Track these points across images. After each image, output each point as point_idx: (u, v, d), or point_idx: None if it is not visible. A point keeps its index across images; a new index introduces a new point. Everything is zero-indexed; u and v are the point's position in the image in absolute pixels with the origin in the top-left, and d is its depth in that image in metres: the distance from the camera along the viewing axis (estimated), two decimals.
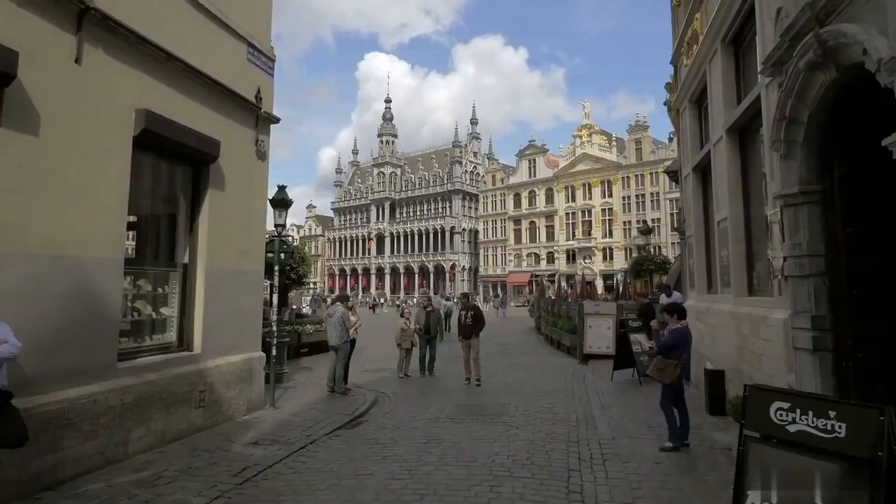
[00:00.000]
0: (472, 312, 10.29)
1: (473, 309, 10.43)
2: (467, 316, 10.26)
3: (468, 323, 10.19)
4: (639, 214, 52.39)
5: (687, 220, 9.13)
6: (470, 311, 10.35)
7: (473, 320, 10.16)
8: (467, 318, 10.22)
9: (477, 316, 10.27)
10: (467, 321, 10.21)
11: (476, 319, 10.18)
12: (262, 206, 8.22)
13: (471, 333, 10.04)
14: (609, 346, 12.29)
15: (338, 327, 9.15)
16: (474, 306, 10.56)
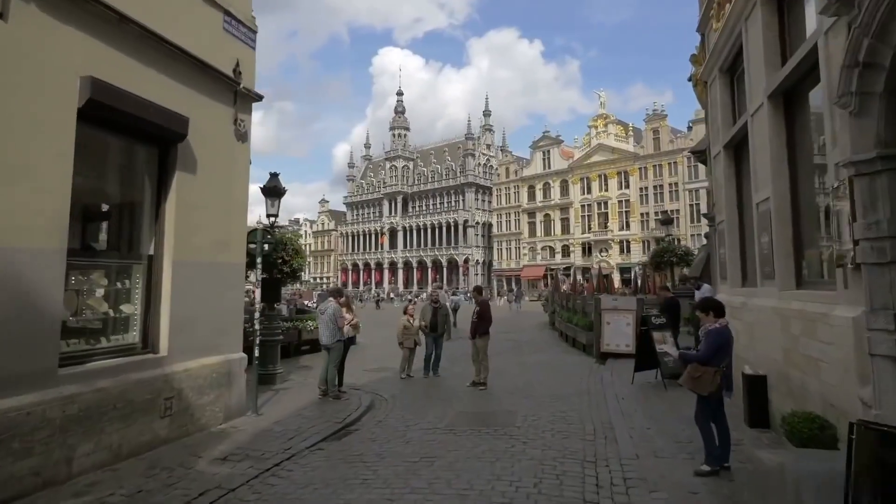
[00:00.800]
0: (478, 309, 9.39)
1: (479, 305, 9.51)
2: (474, 312, 9.43)
3: (473, 320, 9.36)
4: (657, 206, 50.96)
5: (717, 204, 8.16)
6: (475, 308, 9.50)
7: (478, 317, 9.25)
8: (473, 315, 9.41)
9: (482, 313, 9.28)
10: (472, 318, 9.38)
11: (480, 316, 9.22)
12: (243, 192, 7.44)
13: (475, 332, 9.20)
14: (629, 344, 11.36)
15: (329, 325, 8.37)
16: (482, 301, 9.63)
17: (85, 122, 5.07)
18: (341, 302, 8.77)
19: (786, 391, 5.11)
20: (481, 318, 9.20)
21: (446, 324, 10.83)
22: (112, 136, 5.75)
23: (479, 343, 9.10)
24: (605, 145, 54.95)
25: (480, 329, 9.16)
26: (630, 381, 8.60)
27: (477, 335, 9.13)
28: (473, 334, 9.21)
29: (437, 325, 10.35)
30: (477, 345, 9.11)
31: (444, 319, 10.24)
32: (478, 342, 9.11)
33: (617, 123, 56.09)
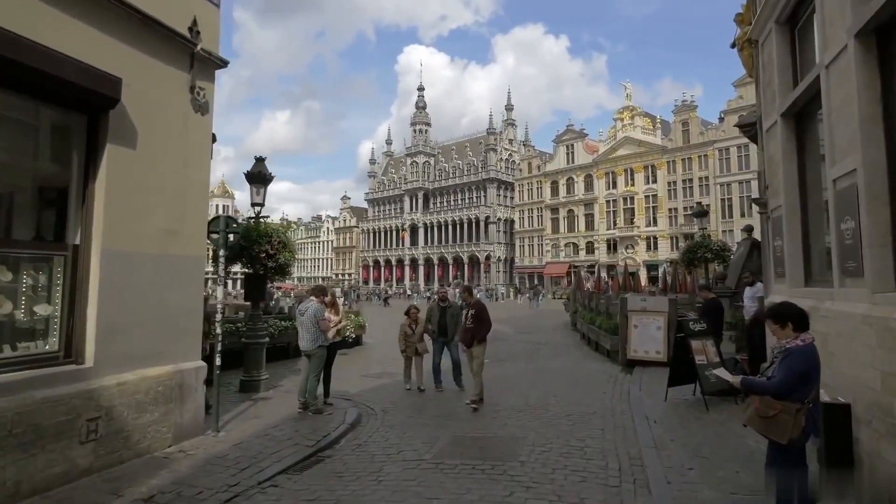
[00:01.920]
0: (473, 311, 7.82)
1: (475, 306, 7.97)
2: (468, 315, 7.89)
3: (468, 325, 7.81)
4: (686, 201, 48.76)
5: (771, 186, 6.75)
6: (471, 310, 7.90)
7: (475, 321, 7.73)
8: (468, 319, 7.88)
9: (479, 316, 7.77)
10: (467, 322, 7.86)
11: (478, 320, 7.72)
12: (203, 172, 6.34)
13: (471, 339, 7.73)
14: (659, 350, 10.00)
15: (310, 328, 7.24)
16: (476, 302, 8.16)
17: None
18: (326, 301, 7.63)
19: (885, 430, 3.76)
20: (480, 322, 7.73)
21: (457, 326, 9.22)
22: (21, 99, 4.69)
23: (476, 352, 7.68)
24: (632, 138, 52.87)
25: (478, 334, 7.72)
26: (663, 397, 7.27)
27: (474, 342, 7.68)
28: (471, 341, 7.70)
29: (446, 328, 8.84)
30: (473, 353, 7.70)
31: (455, 321, 8.80)
32: (475, 351, 7.68)
33: (644, 116, 53.91)
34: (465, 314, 7.88)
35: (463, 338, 7.84)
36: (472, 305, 7.98)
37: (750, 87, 44.53)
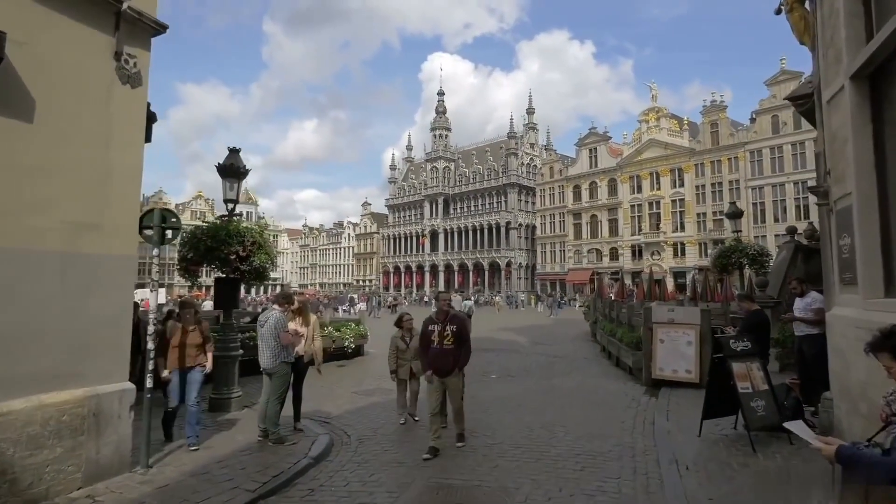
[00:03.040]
0: (454, 327, 5.81)
1: (455, 321, 5.93)
2: (444, 332, 5.77)
3: (446, 346, 5.73)
4: (715, 205, 46.66)
5: (834, 170, 5.39)
6: (448, 325, 5.81)
7: (456, 342, 5.75)
8: (444, 338, 5.75)
9: (460, 334, 5.82)
10: (444, 343, 5.74)
11: (459, 340, 5.78)
12: (132, 155, 5.29)
13: (451, 366, 5.73)
14: (690, 369, 8.62)
15: (270, 342, 6.12)
16: (455, 316, 6.08)
17: None
18: (292, 309, 6.51)
19: None
20: (461, 343, 5.80)
21: None
22: None
23: (454, 383, 5.82)
24: (658, 140, 50.96)
25: (461, 360, 5.84)
26: (696, 431, 5.92)
27: (454, 370, 5.77)
28: (451, 368, 5.74)
29: None
30: (449, 385, 5.79)
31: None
32: (451, 382, 5.78)
33: (670, 117, 51.95)
34: (440, 330, 5.83)
35: (437, 364, 5.75)
36: (451, 319, 5.90)
37: (785, 84, 42.38)
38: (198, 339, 6.05)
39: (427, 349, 5.88)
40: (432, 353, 5.81)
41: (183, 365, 5.91)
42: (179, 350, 5.92)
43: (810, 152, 41.00)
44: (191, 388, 5.89)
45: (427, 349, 5.88)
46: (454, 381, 5.83)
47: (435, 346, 5.78)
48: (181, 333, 5.97)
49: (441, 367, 5.75)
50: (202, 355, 6.09)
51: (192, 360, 5.96)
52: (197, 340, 6.03)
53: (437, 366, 5.77)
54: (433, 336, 5.82)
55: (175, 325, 6.19)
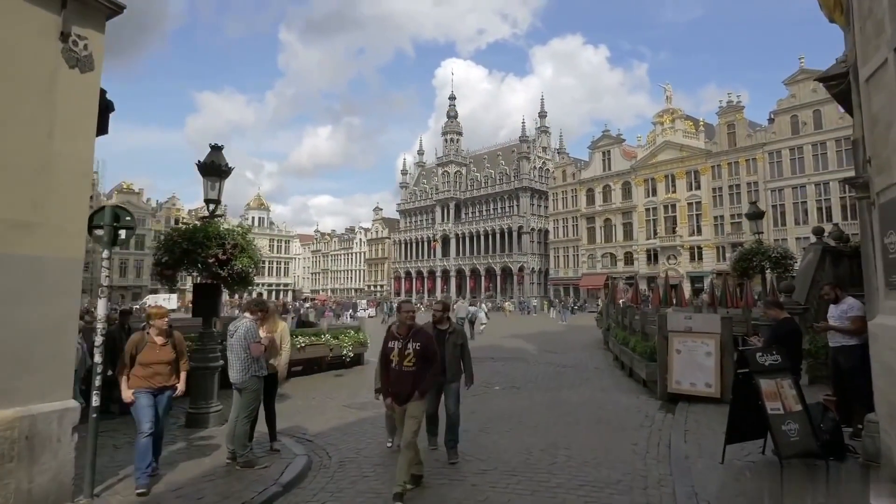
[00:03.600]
0: (418, 345, 4.76)
1: (419, 337, 4.84)
2: (404, 350, 4.76)
3: (407, 368, 4.74)
4: (733, 208, 45.50)
5: (877, 157, 4.67)
6: (411, 342, 4.78)
7: (418, 362, 4.73)
8: (405, 357, 4.75)
9: (424, 353, 4.76)
10: (405, 363, 4.74)
11: (423, 361, 4.75)
12: (82, 146, 4.74)
13: (410, 391, 4.71)
14: (710, 383, 7.87)
15: (239, 354, 5.53)
16: (419, 332, 4.94)
17: None
18: (262, 317, 5.91)
19: None
20: (425, 363, 4.78)
21: (462, 360, 5.84)
22: None
23: (414, 410, 4.73)
24: (673, 142, 49.90)
25: (425, 384, 4.80)
26: (718, 456, 5.19)
27: (415, 396, 4.71)
28: (410, 394, 4.71)
29: (443, 365, 5.55)
30: (411, 413, 4.72)
31: (459, 353, 5.78)
32: (413, 408, 4.72)
33: (685, 118, 50.89)
34: (402, 348, 4.79)
35: (395, 389, 4.80)
36: (415, 335, 4.83)
37: (804, 83, 41.16)
38: (169, 355, 5.16)
39: (386, 370, 4.91)
40: (391, 376, 4.84)
41: (151, 385, 4.99)
42: (147, 367, 5.01)
43: (832, 153, 39.79)
44: (162, 412, 5.12)
45: (386, 370, 4.91)
46: (413, 408, 4.73)
47: (394, 367, 4.80)
48: (150, 348, 5.05)
49: (399, 392, 4.75)
50: (174, 374, 5.20)
51: (165, 379, 5.09)
52: (168, 356, 5.14)
53: (394, 390, 4.79)
54: (392, 355, 4.84)
55: (143, 336, 5.15)
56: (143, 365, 4.99)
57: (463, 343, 5.92)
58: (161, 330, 5.14)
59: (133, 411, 4.95)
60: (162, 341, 5.12)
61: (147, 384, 4.97)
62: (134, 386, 4.94)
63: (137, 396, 4.91)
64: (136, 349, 5.04)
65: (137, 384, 4.94)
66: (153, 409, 4.94)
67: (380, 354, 5.08)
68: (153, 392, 4.99)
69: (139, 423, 4.87)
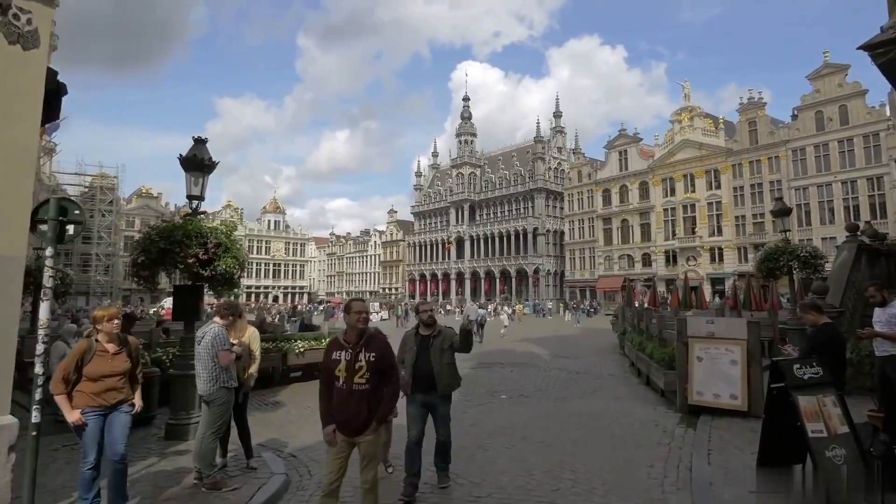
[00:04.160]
0: (372, 356, 3.74)
1: (373, 346, 3.80)
2: (354, 363, 3.72)
3: (358, 386, 3.68)
4: (755, 207, 44.15)
5: None
6: (364, 353, 3.75)
7: (372, 379, 3.71)
8: (355, 372, 3.70)
9: (380, 366, 3.76)
10: (355, 380, 3.68)
11: (379, 377, 3.75)
12: (23, 132, 4.23)
13: (364, 419, 3.67)
14: (735, 394, 7.13)
15: (207, 363, 4.99)
16: (373, 339, 3.86)
17: None
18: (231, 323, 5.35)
19: None
20: (381, 378, 3.76)
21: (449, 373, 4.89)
22: None
23: (366, 445, 3.72)
24: (692, 141, 48.62)
25: (384, 408, 3.78)
26: (749, 482, 4.49)
27: (372, 424, 3.69)
28: (366, 422, 3.67)
29: (430, 376, 4.75)
30: (362, 448, 3.71)
31: (447, 363, 4.84)
32: (363, 443, 3.71)
33: (704, 116, 49.59)
34: (351, 361, 3.72)
35: (342, 415, 3.66)
36: (368, 344, 3.78)
37: (829, 78, 39.75)
38: (124, 365, 4.35)
39: (329, 389, 3.75)
40: (336, 398, 3.69)
41: (103, 402, 4.20)
42: (98, 381, 4.20)
43: (859, 149, 38.33)
44: (114, 436, 4.20)
45: (329, 389, 3.75)
46: (369, 443, 3.68)
47: (341, 386, 3.67)
48: (100, 358, 4.24)
49: (348, 420, 3.61)
50: (130, 387, 4.42)
51: (119, 393, 4.27)
52: (122, 367, 4.33)
53: (341, 417, 3.63)
54: (338, 369, 3.70)
55: (92, 344, 4.29)
56: (92, 379, 4.15)
57: (451, 345, 4.90)
58: (112, 335, 4.30)
59: (81, 434, 4.14)
60: (115, 349, 4.30)
61: (97, 402, 4.15)
62: (81, 405, 4.12)
63: (87, 419, 4.11)
64: (82, 360, 4.19)
65: (85, 402, 4.13)
66: (102, 433, 4.16)
67: (321, 369, 3.99)
68: (104, 412, 4.18)
69: (85, 451, 4.14)
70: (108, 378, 4.23)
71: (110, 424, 4.20)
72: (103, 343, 4.30)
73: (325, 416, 3.74)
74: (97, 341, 4.30)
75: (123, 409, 4.29)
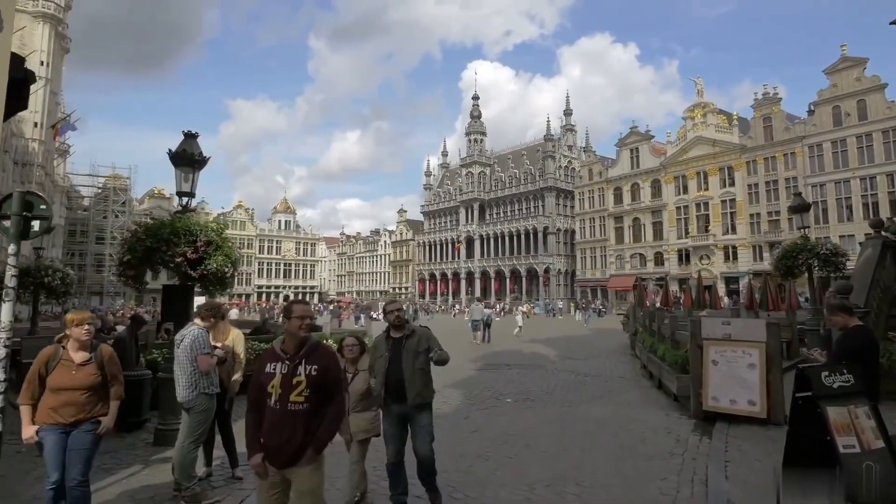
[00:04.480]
0: (314, 369, 3.04)
1: (315, 358, 3.09)
2: (291, 377, 3.02)
3: (293, 406, 2.98)
4: (770, 205, 43.31)
5: None
6: (303, 366, 3.05)
7: (313, 397, 3.01)
8: (292, 389, 3.00)
9: (323, 383, 3.04)
10: (291, 399, 2.99)
11: (320, 395, 3.03)
12: None
13: (299, 445, 2.94)
14: (753, 399, 6.70)
15: (186, 367, 4.68)
16: (315, 349, 3.16)
17: None
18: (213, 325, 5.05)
19: None
20: (322, 401, 3.04)
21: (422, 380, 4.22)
22: None
23: (300, 480, 2.98)
24: (705, 137, 47.81)
25: (323, 433, 3.02)
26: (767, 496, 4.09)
27: (309, 452, 2.96)
28: (297, 450, 2.94)
29: (402, 384, 4.13)
30: (295, 483, 2.99)
31: (422, 362, 4.22)
32: (297, 477, 2.98)
33: (718, 113, 48.74)
34: (288, 375, 3.04)
35: (273, 441, 2.99)
36: (309, 355, 3.11)
37: (847, 72, 38.78)
38: (88, 379, 3.78)
39: (259, 409, 3.07)
40: (267, 420, 3.03)
41: (59, 419, 3.69)
42: (57, 394, 3.71)
43: (878, 145, 37.40)
44: (73, 458, 3.69)
45: (259, 409, 3.07)
46: (305, 478, 2.97)
47: (273, 405, 3.01)
48: (62, 367, 3.76)
49: (279, 446, 2.95)
50: (101, 404, 3.85)
51: (80, 411, 3.73)
52: (86, 380, 3.77)
53: (271, 443, 2.98)
54: (271, 385, 3.03)
55: (58, 351, 3.82)
56: (53, 390, 3.70)
57: (428, 347, 4.23)
58: (81, 343, 3.80)
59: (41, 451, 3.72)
60: (81, 358, 3.79)
61: (54, 419, 3.67)
62: (39, 420, 3.67)
63: (43, 436, 3.66)
64: (46, 368, 3.75)
65: (42, 418, 3.68)
66: (62, 450, 3.67)
67: (250, 385, 3.21)
68: (63, 430, 3.69)
69: (47, 471, 3.73)
70: (68, 391, 3.71)
71: (71, 445, 3.71)
72: (70, 351, 3.82)
73: (252, 443, 3.07)
74: (64, 348, 3.83)
75: (84, 429, 3.73)
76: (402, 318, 4.34)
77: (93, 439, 3.77)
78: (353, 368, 4.50)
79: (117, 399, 3.94)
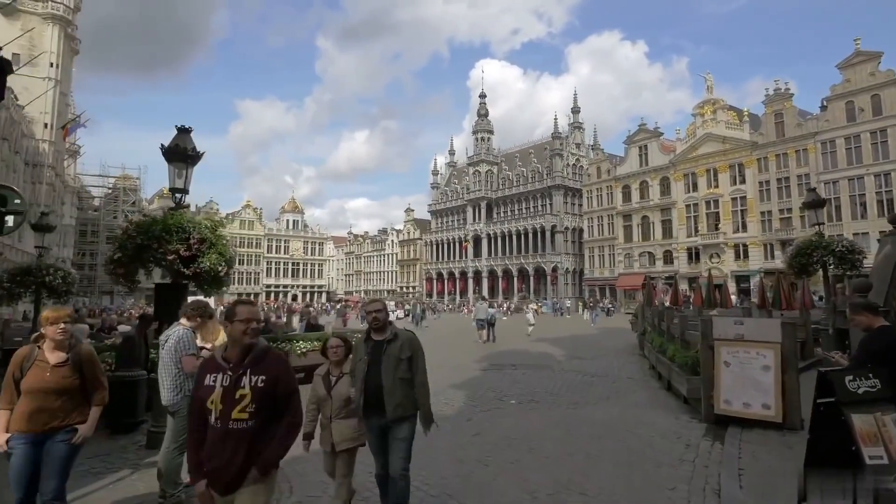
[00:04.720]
0: (261, 379, 2.65)
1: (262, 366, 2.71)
2: (234, 390, 2.63)
3: (235, 424, 2.60)
4: (781, 203, 42.68)
5: None
6: (248, 376, 2.66)
7: (258, 413, 2.62)
8: (235, 403, 2.62)
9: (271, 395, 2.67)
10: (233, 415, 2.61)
11: (267, 411, 2.66)
12: None
13: (241, 467, 2.57)
14: (768, 403, 6.40)
15: (171, 369, 4.49)
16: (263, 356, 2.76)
17: None
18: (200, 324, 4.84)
19: None
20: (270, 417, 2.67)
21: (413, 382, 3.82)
22: None
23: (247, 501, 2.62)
24: (714, 134, 47.20)
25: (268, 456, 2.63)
26: None
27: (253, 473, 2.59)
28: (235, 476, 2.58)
29: (380, 393, 3.72)
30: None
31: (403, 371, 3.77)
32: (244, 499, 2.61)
33: (728, 109, 48.10)
34: (230, 388, 2.64)
35: (215, 462, 2.60)
36: (255, 364, 2.70)
37: (860, 66, 38.05)
38: (63, 382, 3.47)
39: (200, 428, 2.71)
40: (208, 439, 2.67)
41: (32, 427, 3.39)
42: (29, 398, 3.41)
43: (893, 140, 36.68)
44: (47, 472, 3.39)
45: (200, 428, 2.71)
46: (247, 500, 2.61)
47: (214, 423, 2.64)
48: (37, 368, 3.46)
49: (217, 469, 2.60)
50: (78, 411, 3.54)
51: (54, 417, 3.44)
52: (60, 383, 3.46)
53: (210, 465, 2.62)
54: (210, 400, 2.66)
55: (33, 351, 3.54)
56: (26, 393, 3.40)
57: (412, 356, 3.81)
58: (57, 342, 3.50)
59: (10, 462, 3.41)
60: (57, 359, 3.49)
61: (26, 426, 3.36)
62: (12, 428, 3.38)
63: (13, 447, 3.35)
64: (20, 370, 3.46)
65: (14, 425, 3.38)
66: (32, 464, 3.36)
67: (191, 399, 2.93)
68: (36, 439, 3.39)
69: (11, 488, 3.40)
70: (41, 395, 3.41)
71: (45, 456, 3.40)
72: (45, 351, 3.52)
73: (195, 468, 2.69)
74: (40, 348, 3.54)
75: (58, 439, 3.41)
76: (382, 321, 3.87)
77: (68, 450, 3.46)
78: (337, 371, 4.15)
79: (99, 405, 3.64)
